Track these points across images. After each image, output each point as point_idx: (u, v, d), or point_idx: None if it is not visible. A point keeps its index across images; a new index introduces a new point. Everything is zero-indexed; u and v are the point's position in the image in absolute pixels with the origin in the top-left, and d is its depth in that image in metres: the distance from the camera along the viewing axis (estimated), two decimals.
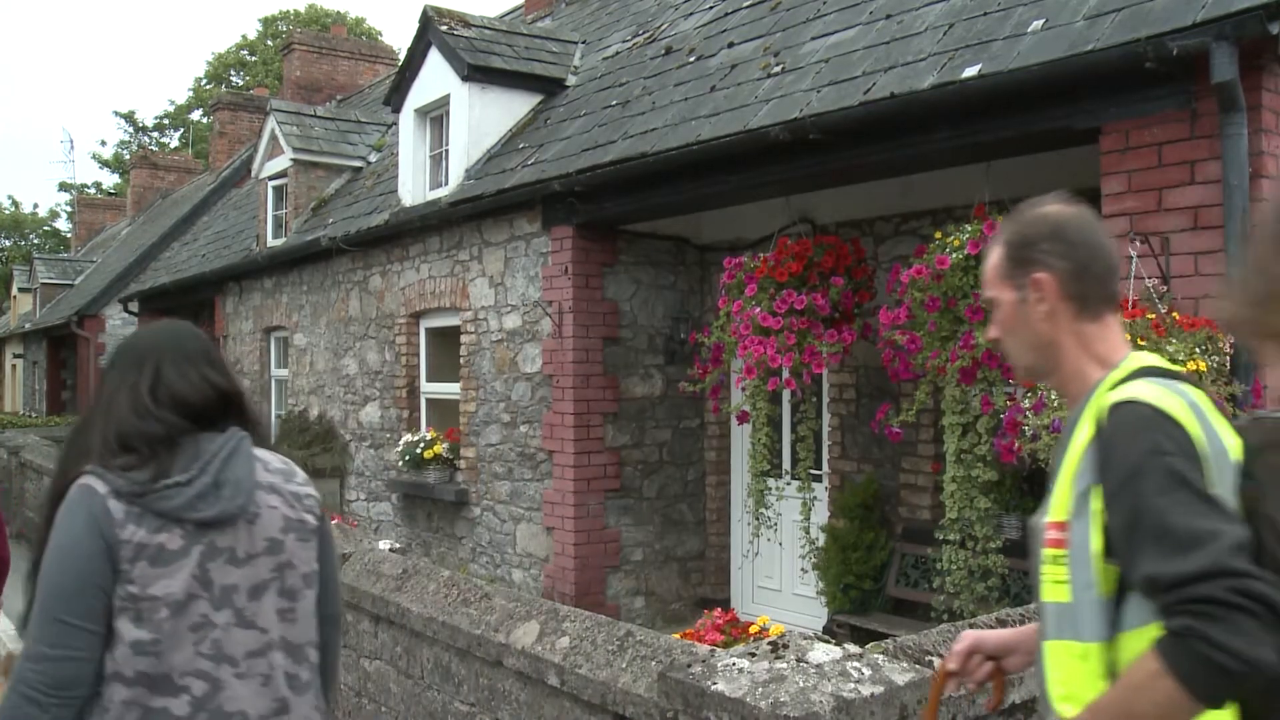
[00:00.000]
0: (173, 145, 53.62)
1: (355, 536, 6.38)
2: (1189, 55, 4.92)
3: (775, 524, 7.86)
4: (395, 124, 12.98)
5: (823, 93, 6.97)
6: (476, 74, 10.73)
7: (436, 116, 11.60)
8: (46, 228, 62.84)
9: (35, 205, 69.64)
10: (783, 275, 7.15)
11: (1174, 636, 1.61)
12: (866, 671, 2.78)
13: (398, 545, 6.39)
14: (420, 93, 11.62)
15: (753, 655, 2.92)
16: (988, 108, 5.95)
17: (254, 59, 51.72)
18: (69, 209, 55.50)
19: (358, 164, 15.21)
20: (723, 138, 7.47)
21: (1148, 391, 1.80)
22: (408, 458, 11.14)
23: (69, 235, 52.02)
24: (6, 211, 63.25)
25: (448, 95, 11.12)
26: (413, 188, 11.70)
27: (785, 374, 7.29)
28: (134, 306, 22.82)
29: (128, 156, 51.44)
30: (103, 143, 65.35)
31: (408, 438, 11.34)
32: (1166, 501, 1.67)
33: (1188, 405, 1.79)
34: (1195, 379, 3.05)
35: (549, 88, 11.13)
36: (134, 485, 2.22)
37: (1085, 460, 1.82)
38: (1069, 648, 1.82)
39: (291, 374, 14.89)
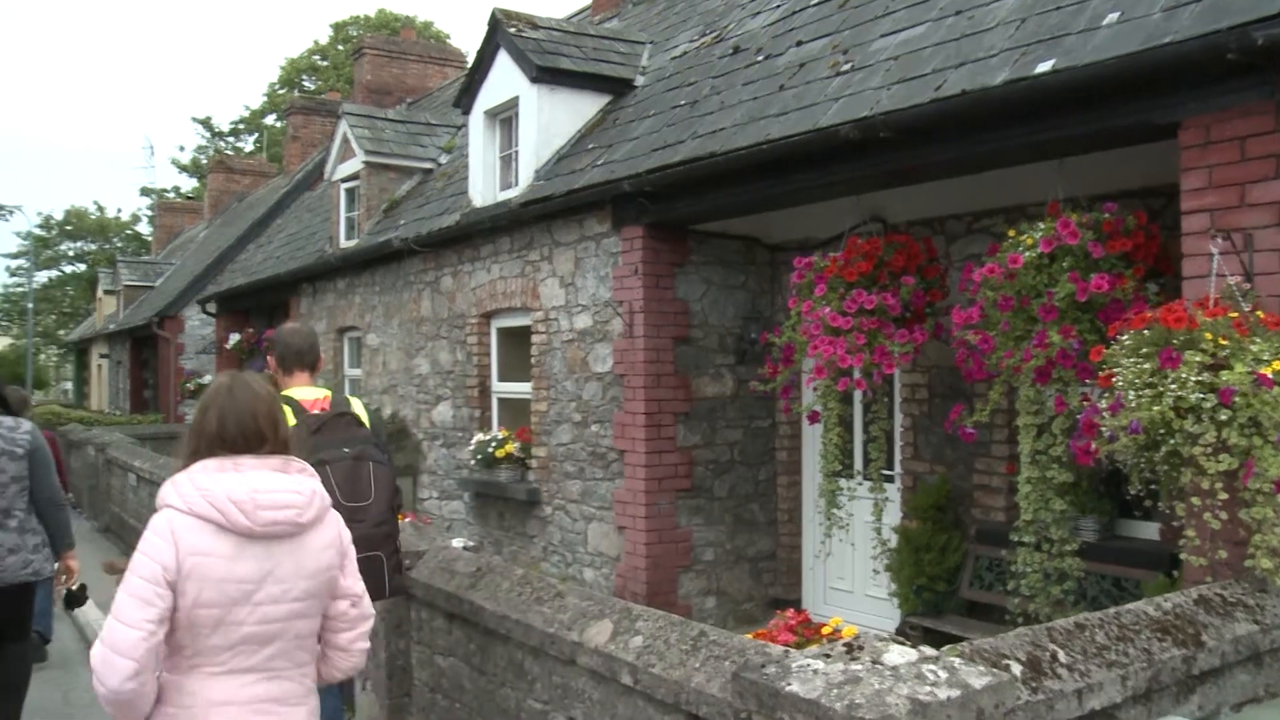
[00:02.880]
0: (248, 149, 54.51)
1: (429, 534, 6.44)
2: (1274, 45, 4.80)
3: (847, 525, 7.81)
4: (465, 126, 13.09)
5: (893, 90, 6.92)
6: (545, 75, 10.79)
7: (506, 118, 11.68)
8: (129, 231, 64.26)
9: (119, 210, 70.92)
10: (852, 275, 7.11)
11: None
12: (943, 674, 2.76)
13: (471, 543, 6.43)
14: (489, 95, 11.71)
15: (827, 656, 2.91)
16: (1062, 104, 5.86)
17: (325, 64, 52.39)
18: (150, 213, 56.66)
19: (428, 166, 15.36)
20: (792, 137, 7.44)
21: None
22: (480, 457, 11.23)
23: (150, 238, 53.08)
24: (92, 216, 64.78)
25: (517, 97, 11.20)
26: (483, 189, 11.79)
27: (856, 374, 7.26)
28: (211, 308, 23.23)
29: (205, 161, 52.38)
30: (181, 148, 66.44)
31: (480, 437, 11.44)
32: None
33: None
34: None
35: (617, 88, 11.16)
36: None
37: None
38: None
39: (365, 374, 15.07)
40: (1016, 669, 3.13)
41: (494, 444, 11.11)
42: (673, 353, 9.32)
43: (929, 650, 2.92)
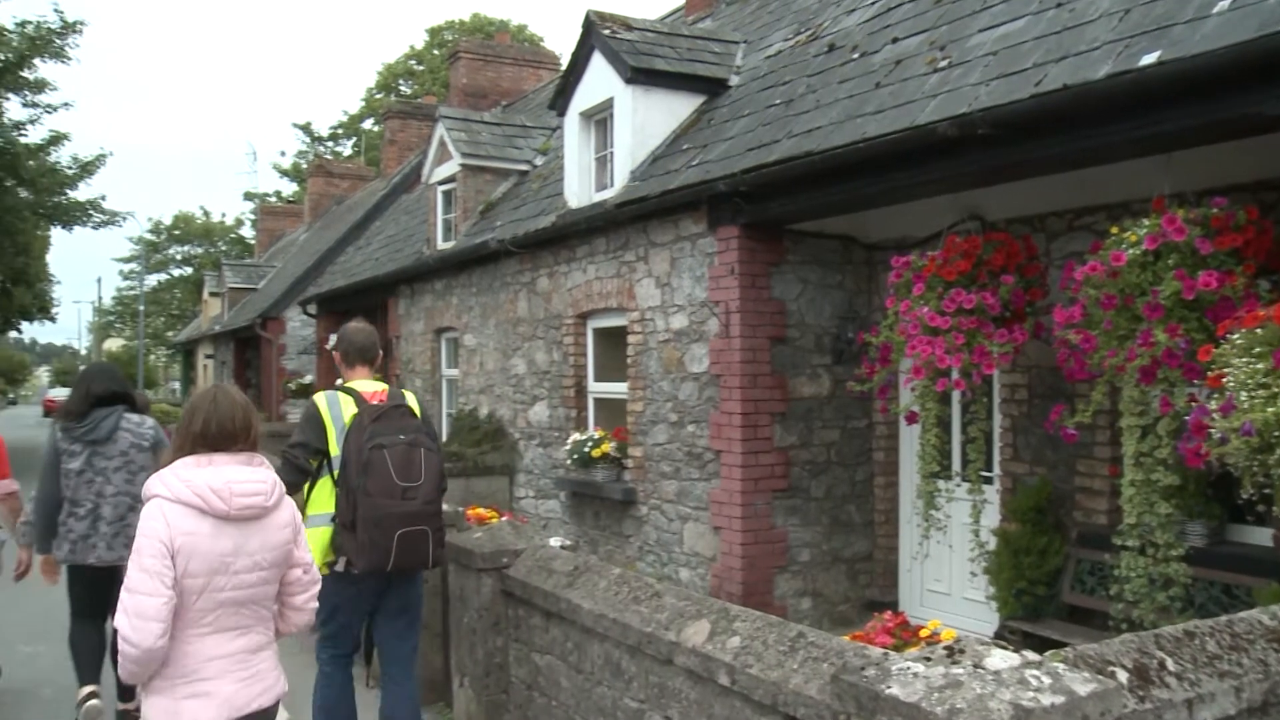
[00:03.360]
0: (346, 154, 55.49)
1: (526, 533, 6.50)
2: None
3: (945, 526, 7.72)
4: (560, 128, 13.17)
5: (991, 86, 6.82)
6: (639, 76, 10.82)
7: (601, 119, 11.74)
8: (233, 235, 65.90)
9: (223, 214, 72.83)
10: (951, 274, 7.03)
11: None
12: (1046, 680, 2.71)
13: (568, 542, 6.49)
14: (584, 96, 11.78)
15: (928, 660, 2.88)
16: (1168, 97, 5.72)
17: (421, 68, 53.13)
18: (252, 217, 58.01)
19: (524, 167, 15.50)
20: (889, 135, 7.37)
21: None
22: (576, 456, 11.31)
23: (253, 242, 54.30)
24: (198, 221, 66.56)
25: (611, 98, 11.25)
26: (578, 190, 11.87)
27: (954, 374, 7.17)
28: (312, 309, 23.69)
29: (305, 166, 53.42)
30: (282, 153, 68.31)
31: (576, 436, 11.51)
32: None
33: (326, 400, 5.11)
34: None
35: (712, 88, 11.15)
36: (70, 428, 6.34)
37: None
38: None
39: (462, 374, 15.25)
40: (1123, 676, 3.07)
41: (590, 444, 11.18)
42: (769, 353, 9.29)
43: (1032, 655, 2.88)
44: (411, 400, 5.50)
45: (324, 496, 5.36)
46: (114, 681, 6.41)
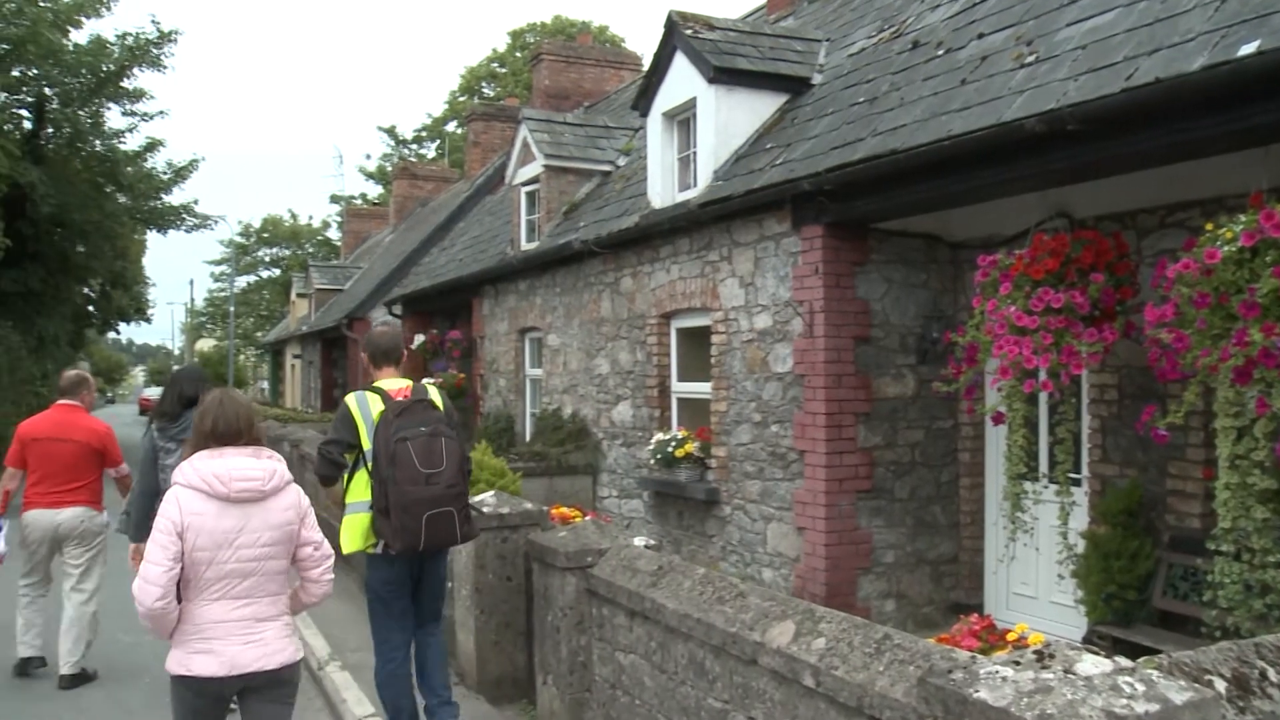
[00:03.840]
0: (430, 156, 56.11)
1: (610, 533, 6.53)
2: None
3: (1032, 529, 7.61)
4: (642, 128, 13.21)
5: (1080, 81, 6.72)
6: (722, 76, 10.82)
7: (683, 119, 11.76)
8: (320, 237, 66.98)
9: (310, 217, 74.19)
10: (1039, 272, 6.92)
11: None
12: (1140, 687, 2.66)
13: (652, 542, 6.51)
14: (667, 96, 11.80)
15: (1017, 664, 2.85)
16: (1268, 88, 5.58)
17: (504, 70, 53.52)
18: (339, 219, 58.95)
19: (607, 168, 15.57)
20: (974, 132, 7.29)
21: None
22: (659, 456, 11.33)
23: (339, 244, 55.14)
24: (286, 224, 67.76)
25: (694, 98, 11.26)
26: (661, 190, 11.89)
27: (1042, 375, 7.06)
28: (397, 309, 23.98)
29: (390, 168, 54.11)
30: (368, 156, 69.34)
31: (659, 436, 11.54)
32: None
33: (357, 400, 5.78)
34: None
35: (795, 87, 11.11)
36: (165, 427, 6.97)
37: None
38: None
39: (545, 373, 15.36)
40: (1220, 686, 3.00)
41: (673, 443, 11.20)
42: (853, 352, 9.24)
43: (1124, 661, 2.83)
44: (434, 394, 6.03)
45: (360, 486, 5.86)
46: None
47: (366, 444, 5.79)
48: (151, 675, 7.91)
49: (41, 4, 25.84)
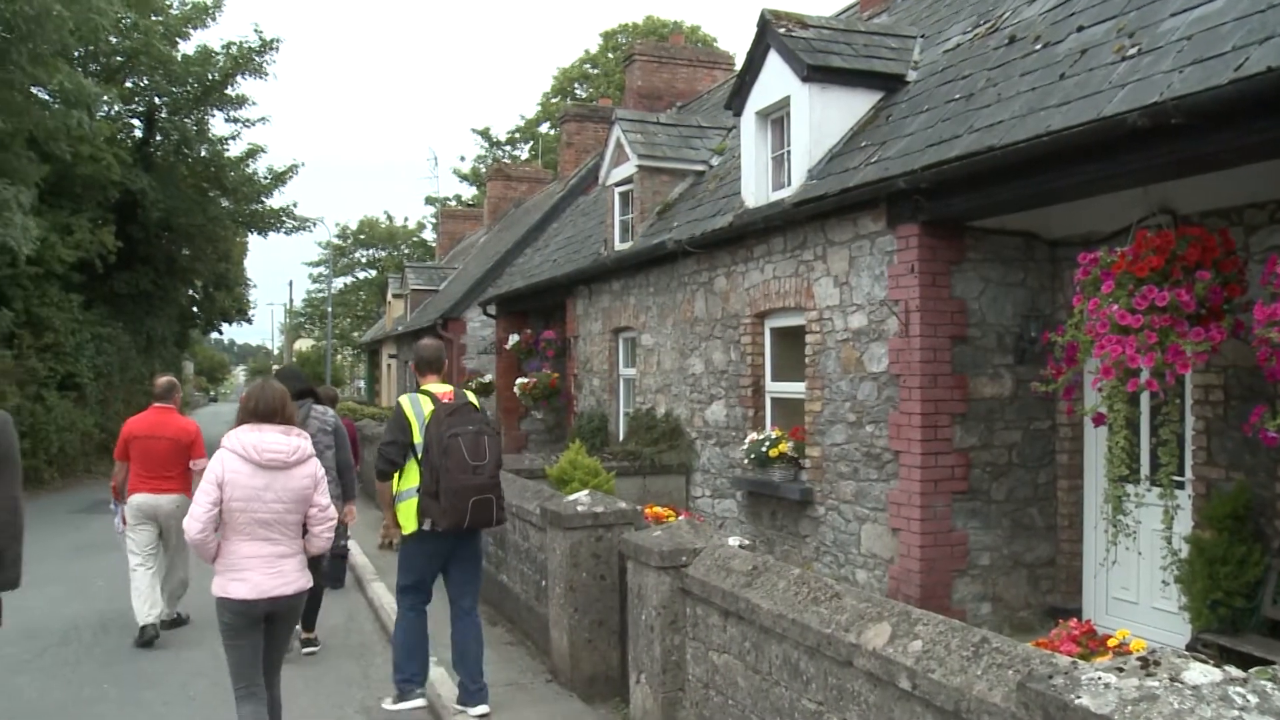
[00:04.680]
0: (523, 157, 56.53)
1: (705, 532, 6.54)
2: None
3: (1133, 532, 7.44)
4: (735, 127, 13.19)
5: (1185, 73, 6.56)
6: (816, 74, 10.76)
7: (777, 118, 11.72)
8: (415, 239, 67.90)
9: (406, 219, 75.23)
10: (1142, 270, 6.77)
11: None
12: (1252, 699, 2.57)
13: (746, 542, 6.50)
14: (760, 95, 11.77)
15: (1120, 670, 2.79)
16: None
17: (596, 71, 53.77)
18: (434, 220, 59.67)
19: (700, 168, 15.56)
20: (1074, 127, 7.16)
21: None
22: (753, 456, 11.31)
23: (434, 245, 55.84)
24: (383, 225, 68.86)
25: (788, 97, 11.21)
26: (755, 189, 11.86)
27: (1145, 374, 6.90)
28: (492, 310, 24.22)
29: (484, 170, 54.68)
30: (462, 158, 70.11)
31: (753, 436, 11.52)
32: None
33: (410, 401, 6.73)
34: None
35: (889, 84, 11.01)
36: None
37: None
38: None
39: (639, 373, 15.41)
40: None
41: (768, 443, 11.17)
42: (950, 352, 9.13)
43: (1235, 671, 2.75)
44: (473, 398, 7.02)
45: (411, 475, 6.83)
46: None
47: (418, 439, 6.76)
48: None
49: (153, 18, 26.60)
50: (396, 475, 6.91)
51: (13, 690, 7.72)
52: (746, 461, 11.55)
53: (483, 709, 6.85)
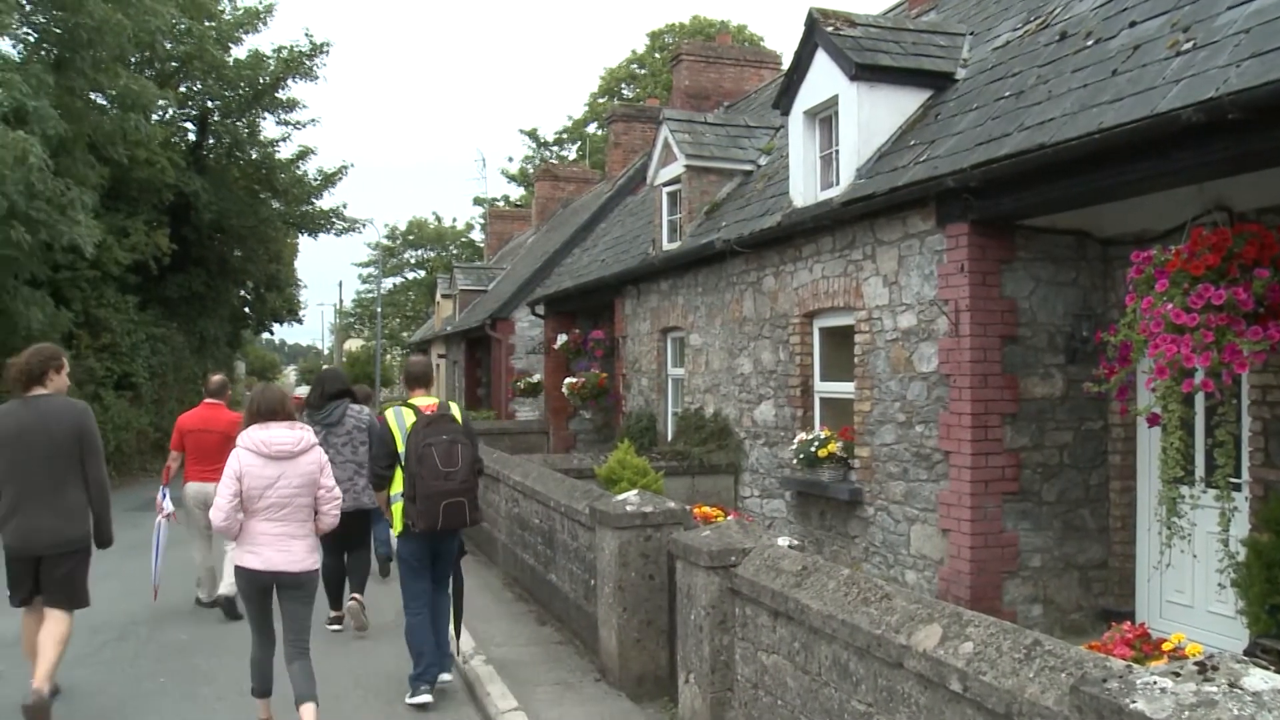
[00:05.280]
0: (571, 158, 56.68)
1: (754, 532, 6.53)
2: None
3: (1188, 535, 7.33)
4: (783, 127, 13.16)
5: (1243, 67, 6.46)
6: (864, 72, 10.71)
7: (825, 117, 11.67)
8: (464, 239, 68.25)
9: (454, 219, 75.54)
10: (1198, 268, 6.68)
11: None
12: None
13: (795, 542, 6.49)
14: (808, 94, 11.73)
15: (1176, 675, 2.76)
16: None
17: (643, 71, 53.80)
18: (482, 221, 59.96)
19: (748, 168, 15.53)
20: (1127, 124, 7.08)
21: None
22: (802, 456, 11.28)
23: (482, 245, 56.10)
24: (431, 226, 69.29)
25: (836, 95, 11.17)
26: (803, 189, 11.83)
27: (1201, 374, 6.81)
28: (540, 310, 24.29)
29: (531, 170, 54.87)
30: (510, 159, 70.37)
31: (802, 436, 11.48)
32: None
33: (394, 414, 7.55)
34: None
35: (938, 82, 10.94)
36: (312, 414, 9.36)
37: None
38: None
39: (687, 373, 15.41)
40: None
41: (816, 443, 11.13)
42: (1000, 352, 9.06)
43: None
44: (455, 410, 7.65)
45: (399, 481, 7.52)
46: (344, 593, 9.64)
47: (401, 448, 7.43)
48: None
49: (206, 23, 26.98)
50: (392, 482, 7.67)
51: (73, 683, 7.85)
52: (795, 461, 11.51)
53: (446, 676, 7.71)
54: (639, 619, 7.39)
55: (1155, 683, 2.74)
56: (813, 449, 11.13)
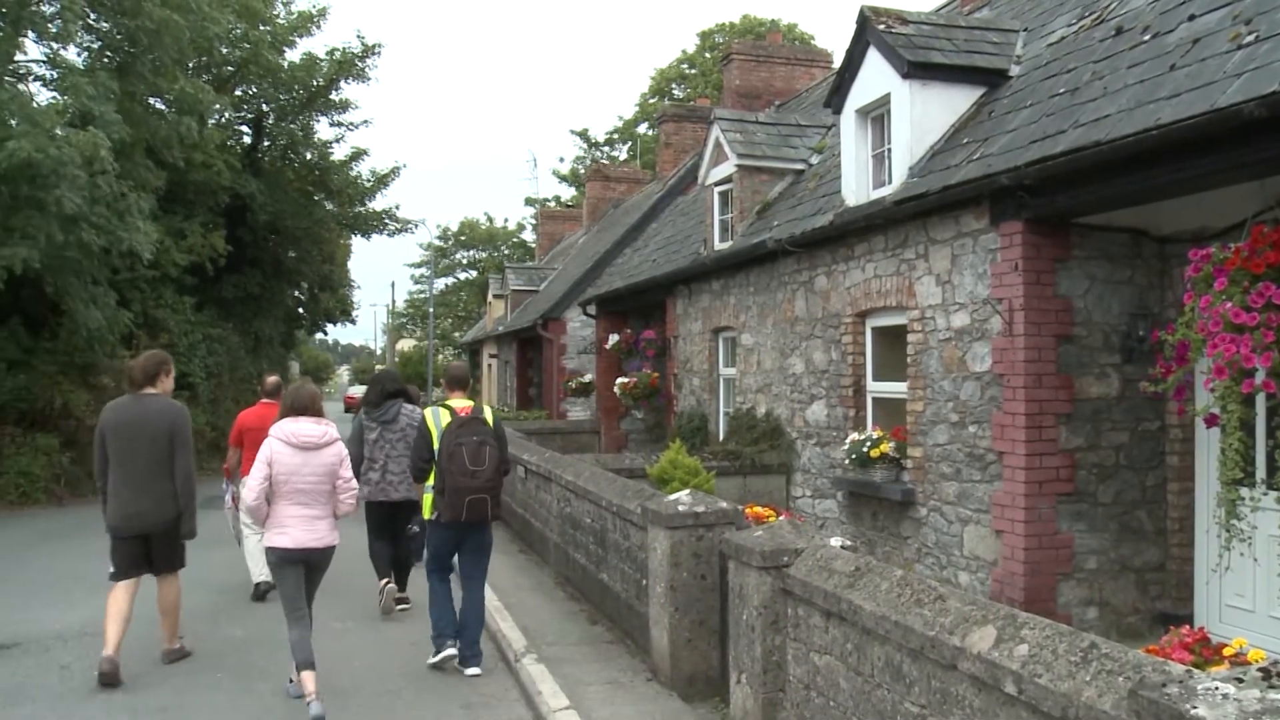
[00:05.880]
0: (621, 158, 56.74)
1: (806, 533, 6.51)
2: None
3: (1249, 538, 7.21)
4: (835, 126, 13.10)
5: None
6: (916, 70, 10.65)
7: (877, 116, 11.61)
8: (515, 240, 68.54)
9: (506, 220, 75.81)
10: (1259, 266, 6.58)
11: None
12: None
13: (848, 543, 6.46)
14: (860, 93, 11.67)
15: (1239, 681, 2.72)
16: None
17: (693, 71, 53.78)
18: (533, 221, 60.19)
19: (799, 167, 15.48)
20: (1185, 120, 6.98)
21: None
22: (854, 456, 11.23)
23: (534, 245, 56.31)
24: (483, 227, 69.63)
25: (888, 94, 11.11)
26: (855, 188, 11.77)
27: (1262, 374, 6.71)
28: (591, 310, 24.35)
29: (582, 171, 54.98)
30: (561, 159, 70.72)
31: (854, 436, 11.43)
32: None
33: (432, 414, 8.31)
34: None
35: (991, 79, 10.85)
36: (370, 412, 10.32)
37: None
38: None
39: (739, 373, 15.39)
40: None
41: (869, 443, 11.07)
42: (1055, 351, 8.97)
43: None
44: (488, 413, 8.36)
45: (433, 475, 8.21)
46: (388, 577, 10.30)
47: (436, 445, 8.12)
48: (360, 659, 8.44)
49: (261, 27, 27.32)
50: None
51: (134, 676, 8.02)
52: (847, 462, 11.47)
53: (475, 670, 8.15)
54: (690, 619, 7.39)
55: (1217, 688, 2.70)
56: (865, 449, 11.08)
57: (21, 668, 8.34)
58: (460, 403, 8.40)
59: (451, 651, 8.19)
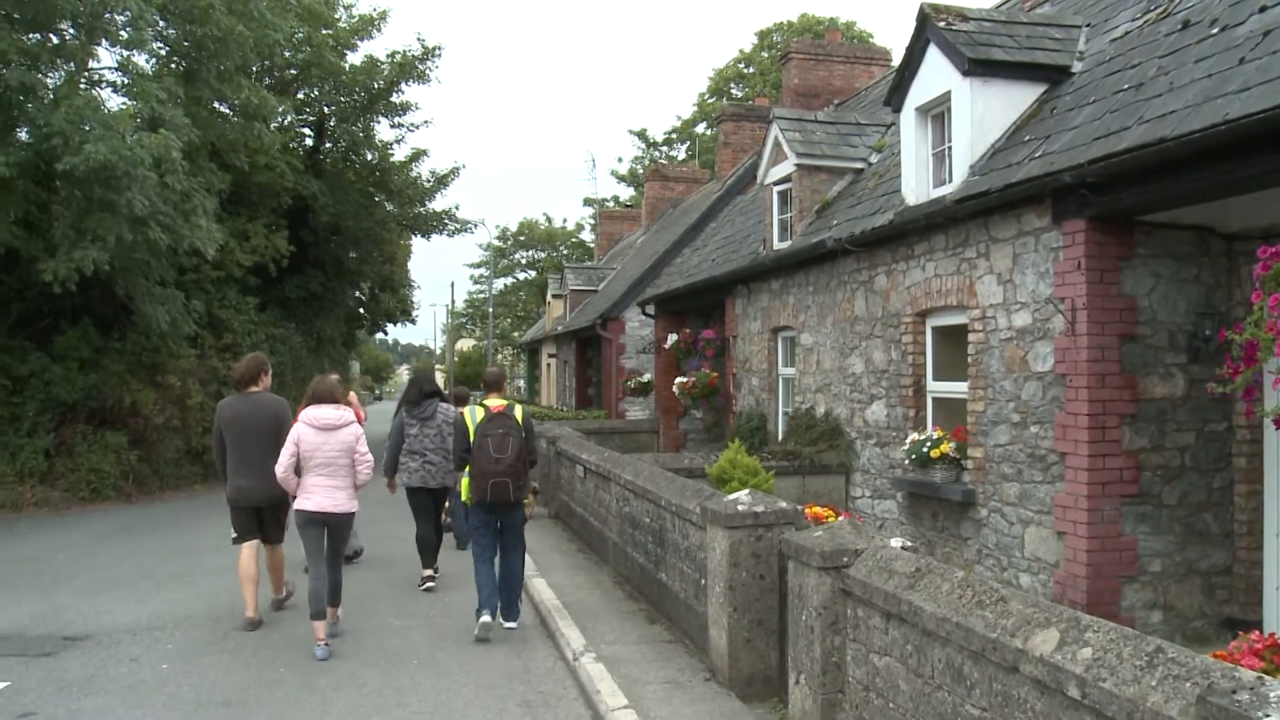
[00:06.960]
0: (680, 158, 56.72)
1: (866, 533, 6.48)
2: None
3: None
4: (895, 124, 13.02)
5: None
6: (977, 68, 10.55)
7: (937, 114, 11.53)
8: (574, 240, 68.77)
9: (564, 220, 76.06)
10: None
11: None
12: None
13: (909, 544, 6.41)
14: (920, 91, 11.59)
15: None
16: None
17: (751, 71, 53.66)
18: (592, 221, 60.36)
19: (859, 165, 15.40)
20: (1256, 114, 6.86)
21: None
22: (914, 456, 11.15)
23: (592, 245, 56.45)
24: (542, 227, 69.95)
25: (948, 91, 11.02)
26: (915, 186, 11.70)
27: None
28: (650, 309, 24.36)
29: (641, 171, 55.04)
30: (619, 160, 70.94)
31: (914, 436, 11.35)
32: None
33: (469, 411, 9.43)
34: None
35: (1053, 76, 10.72)
36: (410, 410, 11.74)
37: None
38: None
39: (798, 372, 15.34)
40: None
41: (929, 444, 10.99)
42: (1118, 351, 8.86)
43: None
44: (517, 411, 9.46)
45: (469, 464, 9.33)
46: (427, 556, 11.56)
47: (472, 437, 9.20)
48: (420, 659, 8.52)
49: (323, 31, 27.62)
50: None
51: (200, 669, 8.22)
52: (907, 462, 11.39)
53: (512, 624, 9.54)
54: (749, 619, 7.38)
55: None
56: (925, 449, 11.00)
57: (93, 660, 8.53)
58: (495, 402, 9.48)
59: (486, 619, 9.22)
